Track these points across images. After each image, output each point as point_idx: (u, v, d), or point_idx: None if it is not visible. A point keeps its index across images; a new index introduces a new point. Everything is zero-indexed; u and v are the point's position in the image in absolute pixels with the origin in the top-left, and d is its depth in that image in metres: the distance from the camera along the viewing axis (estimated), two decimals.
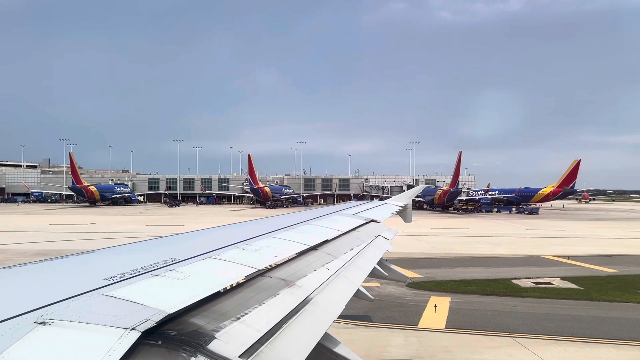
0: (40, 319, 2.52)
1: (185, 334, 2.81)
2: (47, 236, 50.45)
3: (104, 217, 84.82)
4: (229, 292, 3.80)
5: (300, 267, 5.08)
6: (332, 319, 4.10)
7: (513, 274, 30.44)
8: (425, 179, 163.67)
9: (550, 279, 28.97)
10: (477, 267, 33.84)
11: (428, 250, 42.89)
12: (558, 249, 42.75)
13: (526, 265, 34.28)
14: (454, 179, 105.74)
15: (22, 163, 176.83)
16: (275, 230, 6.66)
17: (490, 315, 20.57)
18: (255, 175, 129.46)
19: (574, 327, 18.77)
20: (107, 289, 3.17)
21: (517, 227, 69.43)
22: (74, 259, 4.29)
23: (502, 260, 37.54)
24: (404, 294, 25.03)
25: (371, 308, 22.07)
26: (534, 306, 22.32)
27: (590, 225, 74.42)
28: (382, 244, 8.19)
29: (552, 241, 51.20)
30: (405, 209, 14.79)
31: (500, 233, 59.58)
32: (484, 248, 44.65)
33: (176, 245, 5.61)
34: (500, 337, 17.16)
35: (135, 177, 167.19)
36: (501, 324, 19.15)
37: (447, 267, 33.43)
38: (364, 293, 6.06)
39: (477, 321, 19.58)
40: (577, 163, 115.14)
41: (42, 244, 43.63)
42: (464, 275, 30.19)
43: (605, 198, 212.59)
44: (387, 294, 24.90)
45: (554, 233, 60.22)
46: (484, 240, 51.40)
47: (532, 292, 25.64)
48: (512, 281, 28.43)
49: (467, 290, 25.94)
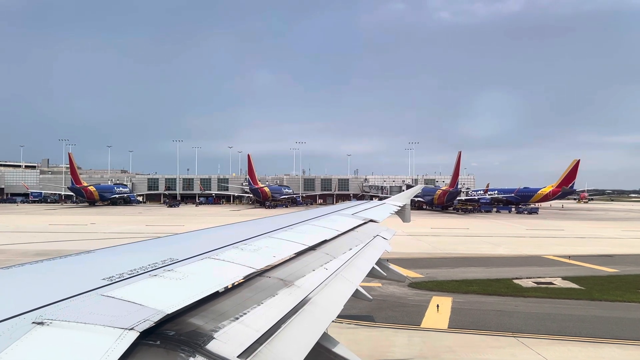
0: (39, 319, 2.52)
1: (184, 334, 2.81)
2: (47, 236, 50.39)
3: (103, 217, 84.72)
4: (227, 292, 3.80)
5: (299, 267, 5.08)
6: (330, 319, 4.10)
7: (514, 274, 30.45)
8: (424, 179, 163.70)
9: (552, 279, 28.98)
10: (478, 267, 33.83)
11: (429, 250, 42.89)
12: (558, 249, 42.77)
13: (527, 265, 34.29)
14: (454, 179, 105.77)
15: (20, 163, 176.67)
16: (273, 230, 6.67)
17: (492, 315, 20.57)
18: (255, 176, 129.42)
19: (576, 327, 18.77)
20: (105, 289, 3.17)
21: (517, 227, 69.46)
22: (72, 259, 4.29)
23: (503, 260, 37.55)
24: (406, 294, 25.03)
25: (373, 308, 22.06)
26: (536, 306, 22.32)
27: (589, 225, 74.48)
28: (380, 244, 8.19)
29: (553, 241, 51.22)
30: (403, 209, 14.77)
31: (500, 233, 59.59)
32: (485, 248, 44.66)
33: (174, 245, 5.61)
34: (503, 337, 17.15)
35: (134, 177, 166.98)
36: (504, 324, 19.15)
37: (448, 267, 33.42)
38: (362, 293, 6.05)
39: (480, 321, 19.58)
40: (576, 163, 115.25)
41: (42, 244, 43.57)
42: (465, 275, 30.19)
43: (604, 198, 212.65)
44: (389, 294, 24.89)
45: (554, 233, 60.24)
46: (484, 240, 51.41)
47: (534, 292, 25.65)
48: (514, 281, 28.44)
49: (469, 290, 25.94)
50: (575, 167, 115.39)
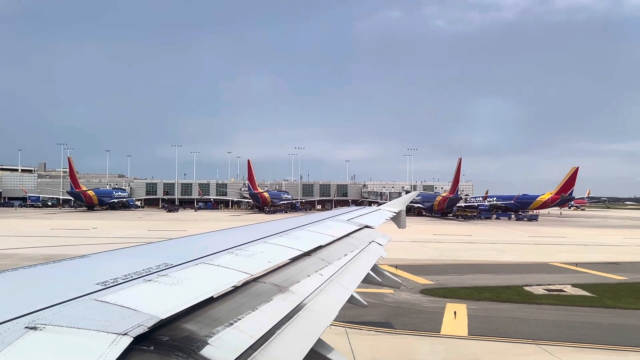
0: (32, 324, 2.50)
1: (178, 339, 2.79)
2: (52, 241, 50.20)
3: (104, 221, 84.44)
4: (222, 297, 3.76)
5: (294, 272, 5.05)
6: (325, 324, 4.08)
7: (524, 281, 30.58)
8: (423, 185, 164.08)
9: (562, 286, 29.12)
10: (487, 274, 33.96)
11: (435, 256, 43.01)
12: (564, 256, 42.99)
13: (535, 273, 34.44)
14: (454, 186, 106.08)
15: (17, 167, 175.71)
16: (269, 236, 6.62)
17: (509, 322, 20.66)
18: (255, 181, 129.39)
19: (595, 334, 18.88)
20: (99, 294, 3.15)
21: (519, 233, 69.72)
22: (66, 263, 4.24)
23: (511, 267, 37.71)
24: (420, 301, 25.10)
25: (390, 315, 22.16)
26: (551, 313, 22.43)
27: (590, 232, 74.83)
28: (376, 250, 8.13)
29: (557, 248, 51.44)
30: (399, 214, 14.63)
31: (503, 240, 59.80)
32: (490, 255, 44.82)
33: (169, 250, 5.58)
34: (525, 345, 17.22)
35: (132, 181, 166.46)
36: (522, 331, 19.23)
37: (456, 274, 33.53)
38: (357, 299, 5.97)
39: (498, 328, 19.66)
40: (575, 170, 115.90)
41: (48, 248, 43.34)
42: (474, 282, 30.30)
43: (600, 205, 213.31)
44: (402, 301, 24.96)
45: (557, 240, 60.50)
46: (489, 247, 51.58)
47: (546, 299, 25.77)
48: (524, 288, 28.56)
49: (481, 297, 26.02)
50: (574, 174, 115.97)
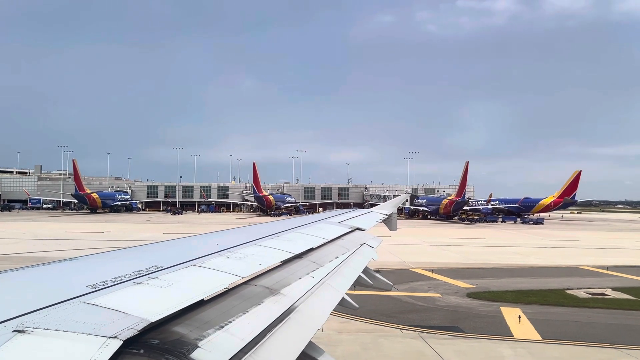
0: (20, 328, 2.48)
1: (168, 342, 2.79)
2: (71, 244, 49.87)
3: (114, 224, 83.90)
4: (212, 300, 3.75)
5: (285, 275, 5.04)
6: (316, 327, 4.08)
7: (562, 285, 30.88)
8: (424, 188, 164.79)
9: (602, 290, 29.45)
10: (522, 277, 34.25)
11: (461, 260, 43.26)
12: (587, 260, 43.44)
13: (567, 276, 34.79)
14: (461, 189, 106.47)
15: (13, 170, 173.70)
16: (260, 238, 6.59)
17: (574, 326, 20.87)
18: (260, 184, 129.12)
19: None
20: (88, 296, 3.12)
21: (531, 237, 70.21)
22: (55, 266, 4.19)
23: (541, 270, 38.05)
24: (472, 304, 25.26)
25: (452, 318, 22.32)
26: (609, 317, 22.67)
27: (601, 235, 75.58)
28: (367, 252, 8.17)
29: (577, 252, 51.92)
30: (390, 217, 14.67)
31: (520, 243, 60.20)
32: (516, 258, 45.15)
33: (160, 252, 5.54)
34: (605, 349, 17.43)
35: (133, 184, 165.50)
36: (592, 334, 19.45)
37: (493, 278, 33.77)
38: (348, 301, 6.01)
39: (567, 332, 19.85)
40: (577, 174, 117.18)
41: (71, 252, 43.05)
42: (515, 286, 30.54)
43: (593, 209, 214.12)
44: (455, 305, 25.13)
45: (572, 243, 61.04)
46: (509, 250, 51.94)
47: (594, 302, 26.04)
48: (567, 292, 28.86)
49: (530, 301, 26.24)
50: (577, 178, 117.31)
